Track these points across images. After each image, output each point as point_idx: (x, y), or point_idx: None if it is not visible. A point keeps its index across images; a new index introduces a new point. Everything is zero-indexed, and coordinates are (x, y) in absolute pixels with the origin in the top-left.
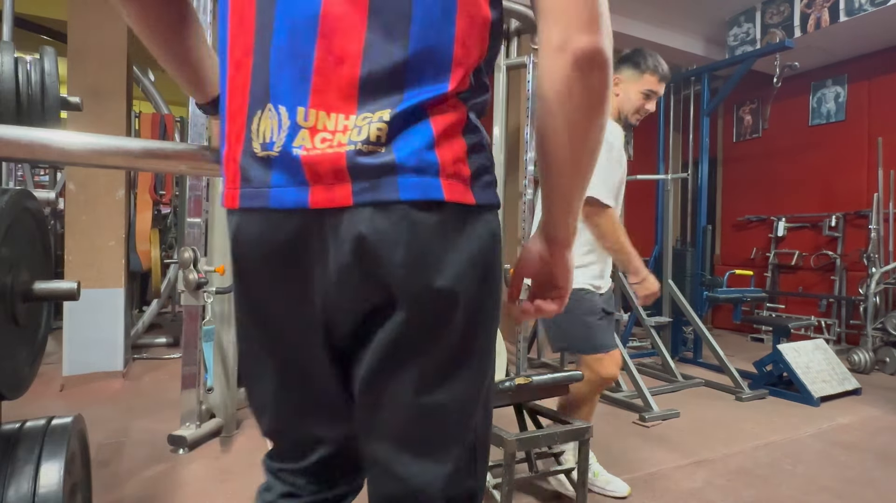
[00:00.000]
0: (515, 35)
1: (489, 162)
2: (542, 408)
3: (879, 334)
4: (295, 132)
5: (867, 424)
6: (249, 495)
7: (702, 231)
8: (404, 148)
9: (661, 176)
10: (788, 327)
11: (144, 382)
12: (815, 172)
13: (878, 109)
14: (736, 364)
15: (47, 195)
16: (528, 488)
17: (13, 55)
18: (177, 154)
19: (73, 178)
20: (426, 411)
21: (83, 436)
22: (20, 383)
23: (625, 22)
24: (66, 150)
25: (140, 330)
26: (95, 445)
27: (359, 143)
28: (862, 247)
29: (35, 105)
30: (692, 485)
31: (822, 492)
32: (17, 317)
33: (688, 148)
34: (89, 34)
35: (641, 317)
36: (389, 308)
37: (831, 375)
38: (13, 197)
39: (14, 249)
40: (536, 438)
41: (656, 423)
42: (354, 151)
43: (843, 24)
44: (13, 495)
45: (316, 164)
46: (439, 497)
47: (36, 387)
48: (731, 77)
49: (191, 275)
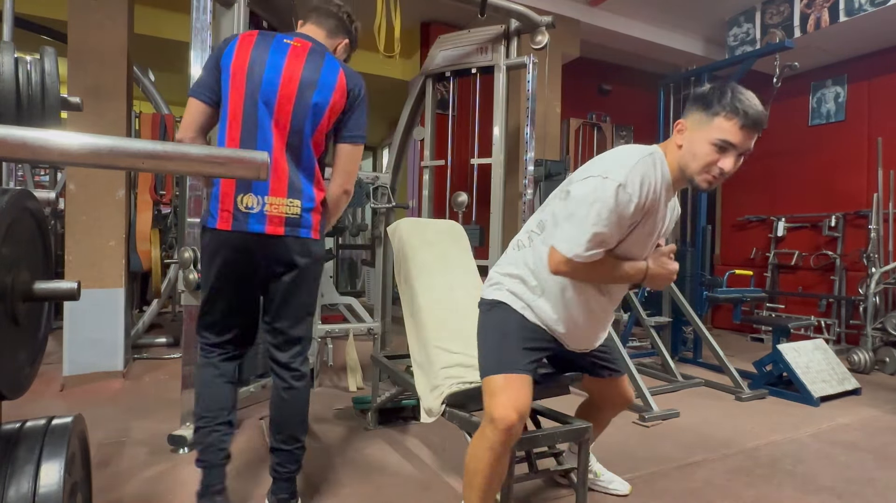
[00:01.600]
0: (515, 35)
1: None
2: (543, 408)
3: (879, 334)
4: (265, 204)
5: (867, 424)
6: (249, 495)
7: (702, 231)
8: (305, 216)
9: None
10: (788, 327)
11: (144, 382)
12: (814, 172)
13: (878, 109)
14: (736, 364)
15: (47, 195)
16: (527, 488)
17: (13, 55)
18: (177, 155)
19: (73, 178)
20: (302, 305)
21: (83, 436)
22: (20, 383)
23: (625, 22)
24: (66, 150)
25: (140, 330)
26: (95, 445)
27: (289, 213)
28: (862, 247)
29: (35, 105)
30: (692, 485)
31: (822, 492)
32: (17, 317)
33: None
34: (89, 34)
35: (641, 316)
36: (290, 269)
37: (831, 375)
38: (13, 197)
39: (14, 249)
40: (536, 438)
41: (656, 423)
42: (288, 215)
43: (843, 24)
44: (13, 495)
45: (271, 217)
46: (306, 338)
47: (36, 387)
48: (731, 77)
49: (191, 275)
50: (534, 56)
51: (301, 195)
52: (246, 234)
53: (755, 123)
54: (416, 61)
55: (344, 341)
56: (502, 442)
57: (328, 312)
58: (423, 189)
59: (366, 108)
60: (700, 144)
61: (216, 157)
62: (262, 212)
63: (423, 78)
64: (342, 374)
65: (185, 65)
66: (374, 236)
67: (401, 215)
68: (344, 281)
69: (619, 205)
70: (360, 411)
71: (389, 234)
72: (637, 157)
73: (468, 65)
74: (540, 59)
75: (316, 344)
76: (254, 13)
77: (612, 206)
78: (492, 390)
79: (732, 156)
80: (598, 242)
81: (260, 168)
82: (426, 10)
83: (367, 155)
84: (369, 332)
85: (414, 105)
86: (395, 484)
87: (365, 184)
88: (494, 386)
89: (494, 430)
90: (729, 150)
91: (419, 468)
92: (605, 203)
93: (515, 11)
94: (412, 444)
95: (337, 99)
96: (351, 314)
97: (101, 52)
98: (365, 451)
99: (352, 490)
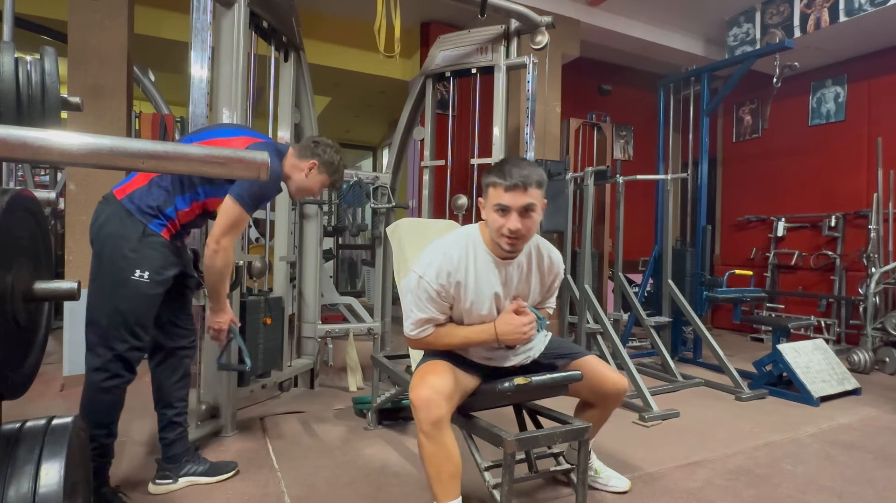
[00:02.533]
0: (515, 35)
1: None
2: (542, 408)
3: (879, 334)
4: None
5: (867, 424)
6: (249, 495)
7: (701, 231)
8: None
9: (661, 176)
10: (788, 327)
11: (144, 382)
12: (814, 172)
13: (877, 109)
14: (736, 364)
15: (47, 195)
16: (527, 488)
17: (13, 55)
18: (177, 155)
19: (74, 178)
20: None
21: (83, 436)
22: (20, 383)
23: (625, 22)
24: (66, 150)
25: None
26: None
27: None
28: (862, 247)
29: (35, 105)
30: (692, 485)
31: (822, 492)
32: (17, 317)
33: (687, 148)
34: (89, 34)
35: (641, 317)
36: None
37: (831, 375)
38: (13, 197)
39: (14, 249)
40: (536, 438)
41: (656, 423)
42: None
43: (843, 24)
44: (13, 495)
45: None
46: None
47: (36, 387)
48: (731, 77)
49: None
50: (534, 56)
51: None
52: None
53: (517, 184)
54: (416, 61)
55: (344, 341)
56: (425, 419)
57: (328, 312)
58: (423, 189)
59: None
60: (489, 213)
61: (216, 157)
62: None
63: (423, 78)
64: (342, 374)
65: (185, 65)
66: (374, 236)
67: (401, 215)
68: (344, 281)
69: (425, 292)
70: (360, 411)
71: (389, 234)
72: (442, 251)
73: (468, 65)
74: (540, 59)
75: (316, 344)
76: (254, 13)
77: (420, 295)
78: (414, 379)
79: (513, 215)
80: (423, 321)
81: (260, 168)
82: (426, 10)
83: (367, 155)
84: (369, 332)
85: (414, 105)
86: (395, 484)
87: (365, 184)
88: (416, 374)
89: (415, 409)
90: (508, 212)
91: (419, 468)
92: (414, 293)
93: (515, 11)
94: (412, 444)
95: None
96: (351, 314)
97: (101, 52)
98: (365, 451)
99: (351, 490)
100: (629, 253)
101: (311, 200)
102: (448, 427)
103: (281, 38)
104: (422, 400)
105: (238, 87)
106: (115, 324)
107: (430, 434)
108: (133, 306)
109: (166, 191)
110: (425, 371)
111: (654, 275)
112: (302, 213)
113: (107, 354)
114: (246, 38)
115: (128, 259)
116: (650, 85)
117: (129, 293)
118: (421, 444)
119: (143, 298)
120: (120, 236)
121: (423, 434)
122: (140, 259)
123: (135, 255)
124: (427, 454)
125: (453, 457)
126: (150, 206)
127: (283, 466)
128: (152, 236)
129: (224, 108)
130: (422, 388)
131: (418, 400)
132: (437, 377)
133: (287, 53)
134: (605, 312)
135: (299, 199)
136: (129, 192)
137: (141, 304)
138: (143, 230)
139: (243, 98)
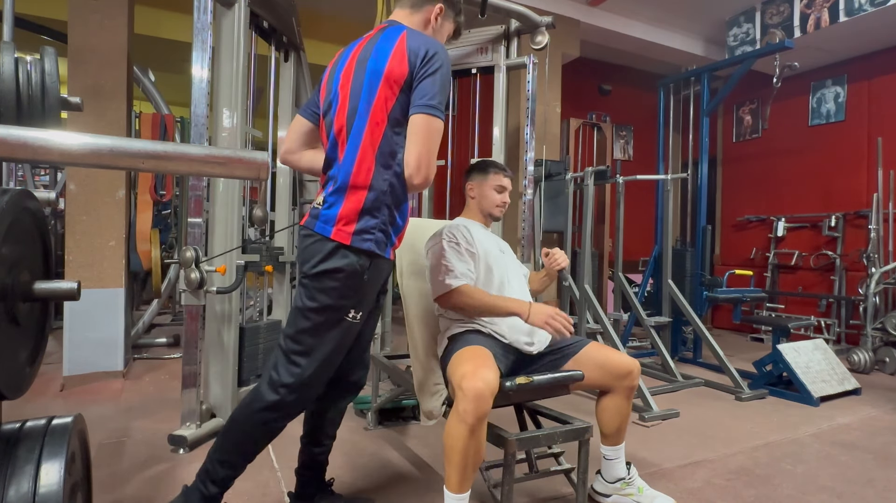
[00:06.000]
0: (515, 35)
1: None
2: (542, 408)
3: (879, 334)
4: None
5: (867, 424)
6: (249, 495)
7: (701, 231)
8: (326, 203)
9: (661, 176)
10: (788, 327)
11: (144, 382)
12: (814, 172)
13: (877, 109)
14: (736, 364)
15: (47, 195)
16: (528, 488)
17: (13, 55)
18: (177, 155)
19: (74, 178)
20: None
21: (83, 436)
22: (20, 383)
23: (625, 22)
24: (66, 150)
25: (140, 330)
26: (95, 445)
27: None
28: (861, 247)
29: (35, 105)
30: (692, 485)
31: (822, 492)
32: (18, 317)
33: (688, 148)
34: (89, 34)
35: (641, 317)
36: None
37: (831, 375)
38: (13, 197)
39: (14, 249)
40: (536, 438)
41: (656, 423)
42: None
43: (843, 24)
44: (13, 495)
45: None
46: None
47: (36, 387)
48: (731, 77)
49: (192, 275)
50: (534, 56)
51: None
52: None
53: (508, 174)
54: None
55: None
56: (472, 411)
57: None
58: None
59: (440, 77)
60: (488, 192)
61: (216, 157)
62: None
63: None
64: None
65: (186, 65)
66: None
67: None
68: None
69: (461, 235)
70: (359, 411)
71: None
72: (447, 223)
73: (468, 65)
74: (540, 59)
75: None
76: (254, 13)
77: (458, 240)
78: (458, 363)
79: (505, 193)
80: (462, 271)
81: (260, 168)
82: None
83: None
84: None
85: None
86: (395, 484)
87: None
88: (460, 358)
89: (464, 399)
90: (503, 191)
91: (419, 468)
92: (449, 244)
93: (515, 11)
94: (412, 444)
95: (393, 65)
96: None
97: (101, 52)
98: (365, 451)
99: (352, 490)
100: (629, 253)
101: (311, 200)
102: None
103: (281, 38)
104: (474, 392)
105: (238, 86)
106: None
107: (474, 427)
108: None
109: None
110: (474, 360)
111: (654, 275)
112: (302, 212)
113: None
114: (246, 38)
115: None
116: (650, 85)
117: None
118: (458, 434)
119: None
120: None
121: (466, 426)
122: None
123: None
124: (462, 445)
125: (482, 452)
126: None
127: (283, 466)
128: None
129: (224, 107)
130: (475, 380)
131: (470, 391)
132: (490, 371)
133: (287, 53)
134: (605, 312)
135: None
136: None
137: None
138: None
139: (243, 98)
